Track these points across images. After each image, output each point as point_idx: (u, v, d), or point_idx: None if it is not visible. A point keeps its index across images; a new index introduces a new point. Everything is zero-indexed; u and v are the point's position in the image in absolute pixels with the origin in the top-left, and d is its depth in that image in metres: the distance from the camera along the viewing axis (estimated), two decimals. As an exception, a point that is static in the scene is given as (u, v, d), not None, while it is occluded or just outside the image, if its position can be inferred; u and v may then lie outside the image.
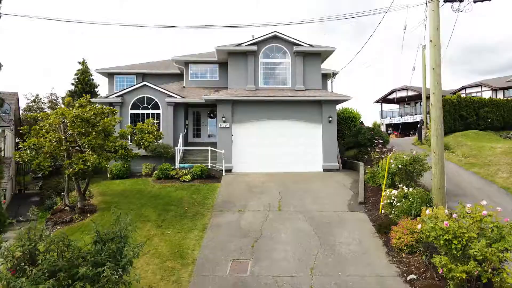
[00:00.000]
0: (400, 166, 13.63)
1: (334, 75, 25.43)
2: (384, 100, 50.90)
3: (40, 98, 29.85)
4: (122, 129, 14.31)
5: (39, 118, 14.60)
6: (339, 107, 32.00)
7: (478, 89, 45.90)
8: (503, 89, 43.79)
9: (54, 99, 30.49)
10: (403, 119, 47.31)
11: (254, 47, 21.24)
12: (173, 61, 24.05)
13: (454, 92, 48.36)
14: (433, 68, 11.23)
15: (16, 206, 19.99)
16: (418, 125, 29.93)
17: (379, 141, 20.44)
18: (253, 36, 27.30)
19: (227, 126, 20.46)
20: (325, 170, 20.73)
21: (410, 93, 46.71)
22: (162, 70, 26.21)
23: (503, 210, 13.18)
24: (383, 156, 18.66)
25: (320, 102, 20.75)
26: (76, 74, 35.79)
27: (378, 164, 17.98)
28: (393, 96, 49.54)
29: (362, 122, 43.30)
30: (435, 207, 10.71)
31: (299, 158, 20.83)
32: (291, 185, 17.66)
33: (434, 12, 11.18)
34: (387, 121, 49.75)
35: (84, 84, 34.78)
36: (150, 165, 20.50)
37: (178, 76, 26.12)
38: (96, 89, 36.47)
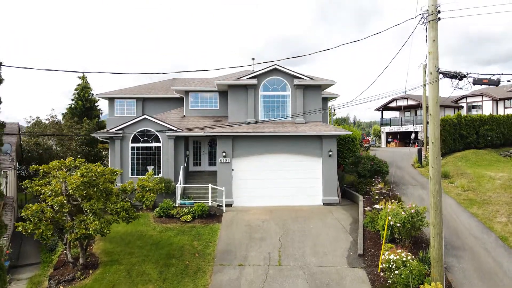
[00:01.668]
0: (398, 224, 13.76)
1: (334, 107, 25.37)
2: (385, 108, 50.84)
3: (41, 121, 29.95)
4: (124, 184, 14.37)
5: (40, 170, 14.67)
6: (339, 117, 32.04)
7: (479, 98, 45.79)
8: (504, 99, 43.68)
9: (54, 120, 30.48)
10: (403, 128, 47.31)
11: (254, 81, 21.20)
12: (174, 90, 24.00)
13: (456, 101, 48.33)
14: (432, 142, 11.28)
15: (19, 240, 20.15)
16: (418, 146, 29.96)
17: (379, 180, 20.51)
18: (253, 59, 27.31)
19: (227, 161, 20.56)
20: (325, 204, 20.89)
21: (411, 102, 46.71)
22: (162, 95, 26.14)
23: (499, 267, 13.40)
24: (382, 197, 18.81)
25: (320, 137, 20.81)
26: (76, 89, 35.79)
27: (379, 203, 18.13)
28: (393, 104, 49.50)
29: (363, 137, 43.38)
30: (433, 282, 10.87)
31: (299, 192, 20.97)
32: (291, 226, 17.82)
33: (434, 86, 11.19)
34: (387, 129, 49.76)
35: (84, 100, 34.77)
36: (151, 198, 20.62)
37: (178, 101, 26.08)
38: (96, 104, 36.50)
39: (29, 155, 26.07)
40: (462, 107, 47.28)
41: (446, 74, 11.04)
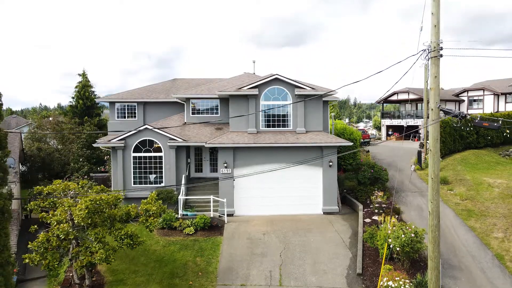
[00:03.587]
0: (398, 248, 14.06)
1: (334, 117, 25.36)
2: (386, 101, 50.74)
3: (42, 123, 30.03)
4: (128, 206, 14.60)
5: (44, 191, 14.89)
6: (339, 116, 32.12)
7: (480, 92, 45.61)
8: (505, 94, 43.52)
9: (55, 121, 30.58)
10: (403, 122, 47.36)
11: (255, 91, 21.17)
12: (175, 97, 23.94)
13: (457, 95, 48.17)
14: (432, 178, 11.41)
15: (25, 244, 20.43)
16: (419, 148, 30.12)
17: (378, 193, 20.74)
18: (254, 62, 27.18)
19: (228, 172, 20.76)
20: (325, 213, 21.20)
21: (412, 96, 46.53)
22: (162, 99, 26.10)
23: (495, 290, 13.75)
24: (382, 211, 19.09)
25: (321, 147, 20.94)
26: (76, 87, 35.71)
27: (378, 217, 18.41)
28: (394, 98, 49.35)
29: (363, 132, 43.45)
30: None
31: (299, 201, 21.24)
32: (291, 239, 18.15)
33: (435, 127, 11.26)
34: (388, 122, 49.77)
35: (85, 99, 34.72)
36: (154, 207, 20.97)
37: (179, 104, 26.03)
38: (97, 102, 36.45)
39: (32, 159, 26.26)
40: (463, 100, 47.17)
41: (447, 113, 11.13)
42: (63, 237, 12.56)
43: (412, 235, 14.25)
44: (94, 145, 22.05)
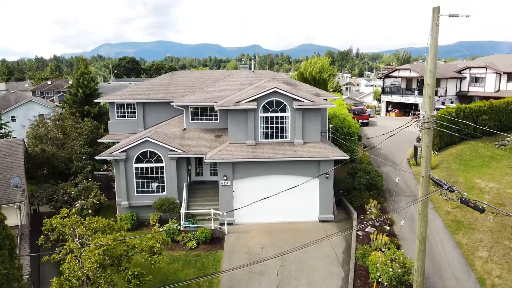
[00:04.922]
0: (386, 283, 15.10)
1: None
2: (387, 76, 50.26)
3: (43, 119, 30.28)
4: (132, 241, 15.46)
5: (53, 224, 15.70)
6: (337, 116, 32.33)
7: (483, 70, 45.07)
8: (508, 73, 43.05)
9: (57, 122, 30.87)
10: (404, 99, 47.33)
11: (254, 104, 21.27)
12: (174, 105, 23.98)
13: (459, 71, 47.62)
14: (419, 239, 12.12)
15: (37, 262, 21.43)
16: (415, 143, 30.56)
17: (372, 209, 21.51)
18: (251, 60, 26.87)
19: (228, 184, 21.49)
20: (320, 221, 22.19)
21: (413, 73, 46.14)
22: (161, 99, 26.13)
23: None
24: (375, 229, 20.01)
25: (319, 160, 21.46)
26: (74, 74, 35.50)
27: (371, 236, 19.35)
28: (396, 74, 48.88)
29: (363, 112, 43.53)
30: None
31: (296, 210, 22.16)
32: (289, 255, 19.22)
33: (424, 189, 11.75)
34: (388, 98, 49.69)
35: (84, 87, 34.61)
36: (157, 215, 22.03)
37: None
38: (96, 87, 36.40)
39: (37, 158, 26.89)
40: (465, 77, 46.73)
41: (437, 183, 11.63)
42: (75, 282, 13.52)
43: (399, 270, 15.22)
44: (97, 157, 22.55)
